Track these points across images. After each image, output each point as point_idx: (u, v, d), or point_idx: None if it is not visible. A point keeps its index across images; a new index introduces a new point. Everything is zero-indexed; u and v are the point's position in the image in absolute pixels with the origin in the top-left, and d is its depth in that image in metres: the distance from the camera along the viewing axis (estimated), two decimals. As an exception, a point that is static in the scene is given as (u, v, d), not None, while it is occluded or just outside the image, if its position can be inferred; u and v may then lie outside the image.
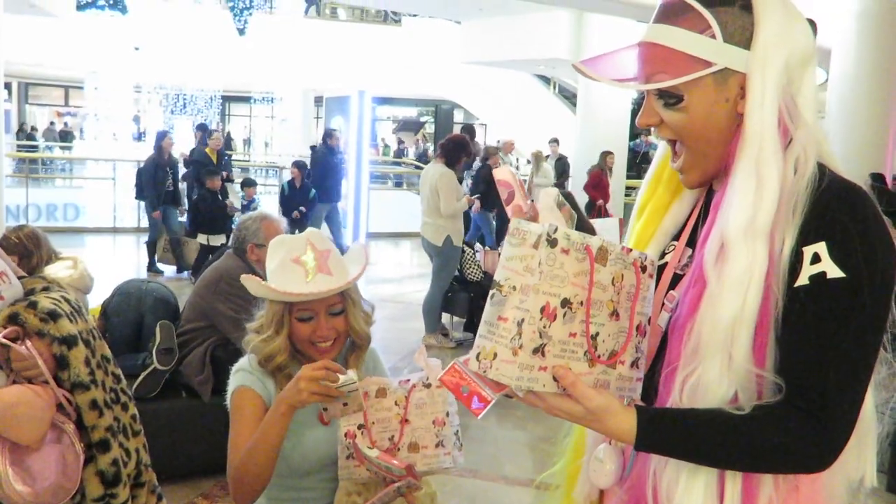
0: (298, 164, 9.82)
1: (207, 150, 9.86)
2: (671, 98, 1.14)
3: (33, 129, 23.14)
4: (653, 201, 1.33)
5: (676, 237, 1.29)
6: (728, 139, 1.15)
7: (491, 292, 1.06)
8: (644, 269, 1.12)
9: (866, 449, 1.19)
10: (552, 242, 1.02)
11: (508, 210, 1.26)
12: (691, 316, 1.12)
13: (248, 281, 1.90)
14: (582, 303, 1.04)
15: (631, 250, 1.12)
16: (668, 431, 1.09)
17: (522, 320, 1.01)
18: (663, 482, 1.15)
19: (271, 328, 1.90)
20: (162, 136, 9.40)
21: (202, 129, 11.62)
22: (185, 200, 9.70)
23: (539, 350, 1.02)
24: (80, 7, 12.83)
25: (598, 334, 1.07)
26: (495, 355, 1.03)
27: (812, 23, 1.17)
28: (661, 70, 1.13)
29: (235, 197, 9.90)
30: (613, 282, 1.08)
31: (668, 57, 1.13)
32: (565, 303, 1.03)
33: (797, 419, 1.05)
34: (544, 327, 1.02)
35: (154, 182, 8.96)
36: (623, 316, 1.09)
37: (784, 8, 1.13)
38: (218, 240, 8.36)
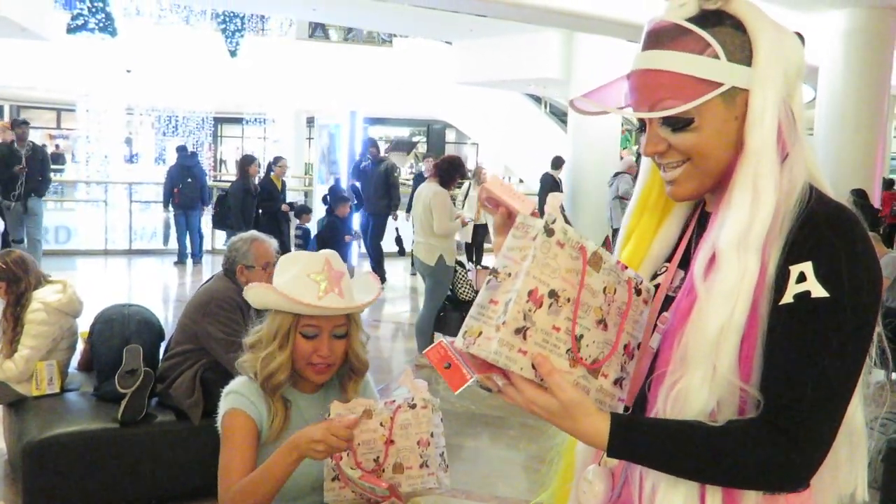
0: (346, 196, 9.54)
1: (273, 177, 9.62)
2: (680, 122, 1.13)
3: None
4: (639, 228, 1.32)
5: (668, 259, 1.29)
6: (734, 157, 1.14)
7: (487, 278, 1.09)
8: (638, 292, 1.13)
9: (858, 462, 1.19)
10: (549, 232, 1.05)
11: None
12: (681, 325, 1.12)
13: (258, 288, 1.89)
14: (569, 299, 1.05)
15: (626, 268, 1.13)
16: (641, 438, 1.09)
17: (510, 300, 1.03)
18: (645, 493, 1.15)
19: (274, 343, 1.88)
20: (249, 162, 9.12)
21: (182, 151, 11.61)
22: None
23: (521, 331, 1.03)
24: (70, 31, 12.85)
25: (582, 337, 1.07)
26: (480, 333, 1.05)
27: (800, 36, 1.18)
28: (668, 96, 1.11)
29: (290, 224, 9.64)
30: (605, 291, 1.09)
31: (674, 82, 1.11)
32: (552, 294, 1.04)
33: (771, 436, 1.05)
34: (529, 310, 1.03)
35: (243, 209, 8.72)
36: (611, 329, 1.10)
37: (773, 23, 1.14)
38: None
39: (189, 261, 11.25)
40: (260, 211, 9.29)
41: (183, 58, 15.99)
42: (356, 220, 10.06)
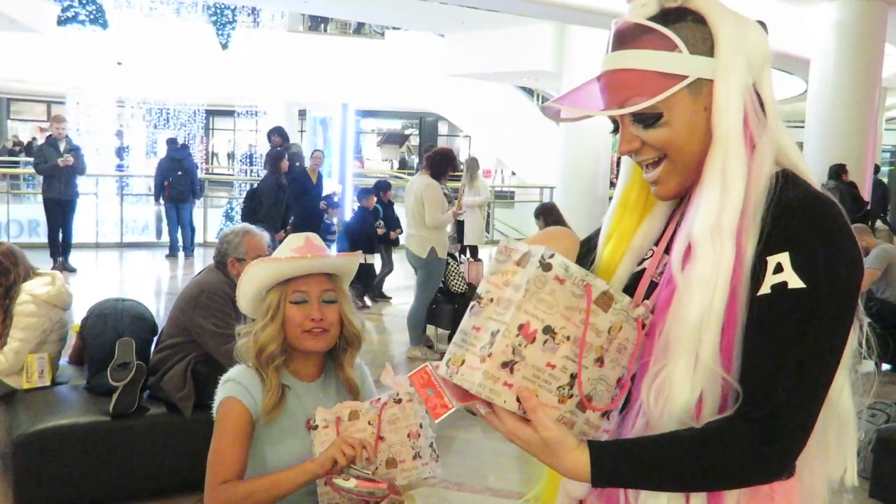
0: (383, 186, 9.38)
1: (309, 169, 9.48)
2: (650, 118, 1.14)
3: (16, 144, 22.99)
4: (620, 226, 1.32)
5: (656, 243, 1.29)
6: (708, 148, 1.15)
7: (471, 304, 1.08)
8: (644, 326, 1.13)
9: (847, 447, 1.19)
10: (546, 266, 1.03)
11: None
12: (662, 314, 1.13)
13: (245, 274, 1.96)
14: (568, 338, 1.04)
15: (639, 305, 1.12)
16: (623, 464, 1.08)
17: (497, 331, 1.02)
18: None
19: (267, 316, 1.94)
20: (280, 157, 8.99)
21: (172, 143, 11.56)
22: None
23: (508, 365, 1.02)
24: (60, 22, 12.77)
25: (580, 376, 1.07)
26: (463, 361, 1.04)
27: (763, 24, 1.19)
28: (635, 94, 1.13)
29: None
30: (610, 331, 1.08)
31: (640, 79, 1.13)
32: (548, 330, 1.03)
33: (746, 432, 1.05)
34: (519, 345, 1.02)
35: (276, 204, 8.63)
36: (607, 365, 1.09)
37: (733, 14, 1.16)
38: (372, 259, 8.31)
39: (181, 254, 11.23)
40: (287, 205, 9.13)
41: (174, 50, 15.92)
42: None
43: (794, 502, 1.16)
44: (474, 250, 9.35)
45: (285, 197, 8.82)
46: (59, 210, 9.36)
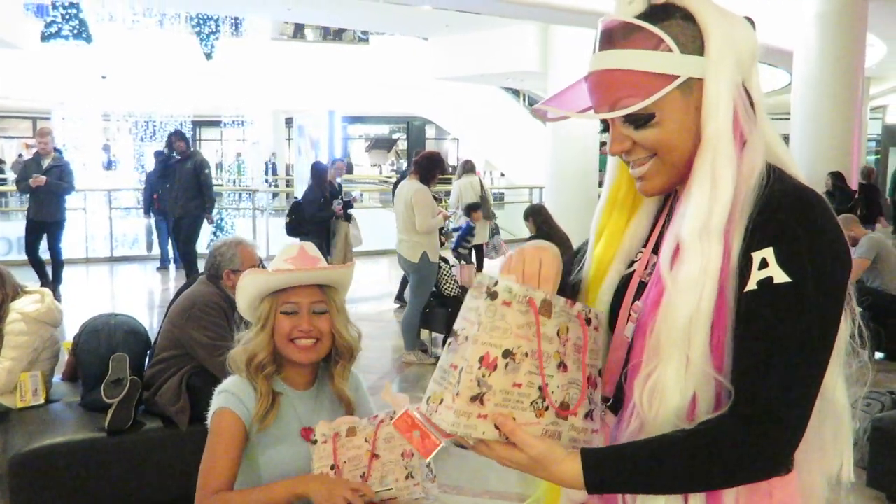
0: None
1: (330, 177, 9.25)
2: (642, 119, 1.13)
3: (1, 161, 22.87)
4: (610, 225, 1.32)
5: (644, 245, 1.29)
6: (698, 146, 1.15)
7: (449, 340, 1.09)
8: (589, 321, 1.14)
9: (843, 442, 1.19)
10: (492, 295, 1.05)
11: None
12: (652, 315, 1.13)
13: (242, 279, 1.97)
14: (527, 354, 1.06)
15: (575, 303, 1.13)
16: (616, 469, 1.08)
17: (462, 369, 1.04)
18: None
19: (258, 325, 1.95)
20: (324, 170, 8.84)
21: (160, 156, 11.53)
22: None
23: (477, 398, 1.04)
24: (44, 38, 12.73)
25: (547, 385, 1.08)
26: (441, 400, 1.06)
27: (750, 20, 1.19)
28: (627, 94, 1.12)
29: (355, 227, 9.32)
30: (559, 334, 1.09)
31: (631, 79, 1.12)
32: (507, 353, 1.04)
33: (740, 431, 1.05)
34: (483, 376, 1.03)
35: (321, 215, 8.53)
36: (571, 367, 1.11)
37: (721, 10, 1.15)
38: None
39: (172, 266, 11.18)
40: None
41: (158, 62, 15.89)
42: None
43: (793, 498, 1.16)
44: (479, 250, 9.33)
45: (329, 208, 8.74)
46: (38, 232, 8.49)
